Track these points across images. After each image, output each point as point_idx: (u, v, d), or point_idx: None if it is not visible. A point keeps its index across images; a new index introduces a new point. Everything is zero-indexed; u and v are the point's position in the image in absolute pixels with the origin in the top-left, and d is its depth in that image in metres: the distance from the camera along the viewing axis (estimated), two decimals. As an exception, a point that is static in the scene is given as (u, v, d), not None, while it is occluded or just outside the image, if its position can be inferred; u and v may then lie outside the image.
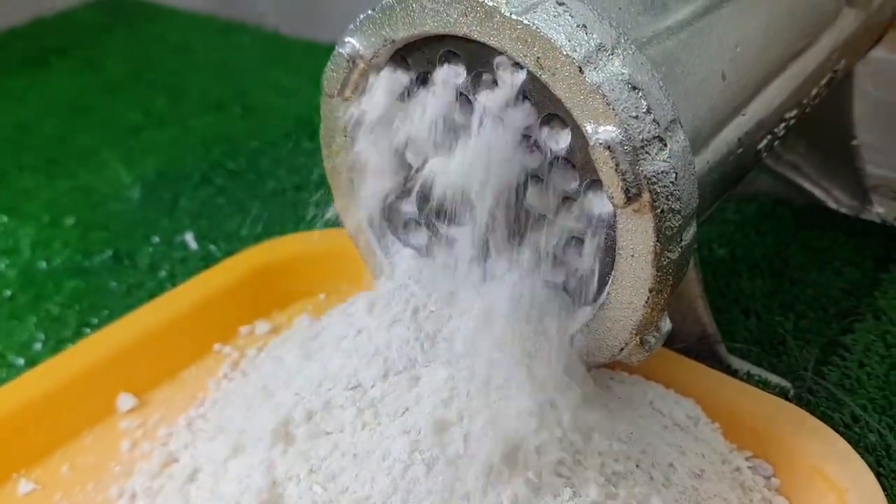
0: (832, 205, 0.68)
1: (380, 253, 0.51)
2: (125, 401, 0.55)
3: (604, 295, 0.44)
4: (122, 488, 0.50)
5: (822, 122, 0.66)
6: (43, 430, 0.52)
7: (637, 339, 0.44)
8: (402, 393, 0.45)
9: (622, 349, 0.44)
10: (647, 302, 0.42)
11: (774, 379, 0.54)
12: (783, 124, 0.52)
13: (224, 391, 0.54)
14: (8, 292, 0.67)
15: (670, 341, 0.54)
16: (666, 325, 0.45)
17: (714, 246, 0.66)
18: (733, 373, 0.54)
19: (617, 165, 0.39)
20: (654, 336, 0.45)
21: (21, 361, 0.60)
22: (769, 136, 0.51)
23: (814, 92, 0.55)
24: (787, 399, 0.51)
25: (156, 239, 0.71)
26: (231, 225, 0.72)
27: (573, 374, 0.45)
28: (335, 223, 0.52)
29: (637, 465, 0.44)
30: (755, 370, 0.54)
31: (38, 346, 0.61)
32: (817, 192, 0.69)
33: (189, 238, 0.70)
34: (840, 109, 0.66)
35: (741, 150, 0.48)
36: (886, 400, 0.53)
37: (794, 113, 0.53)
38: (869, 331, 0.57)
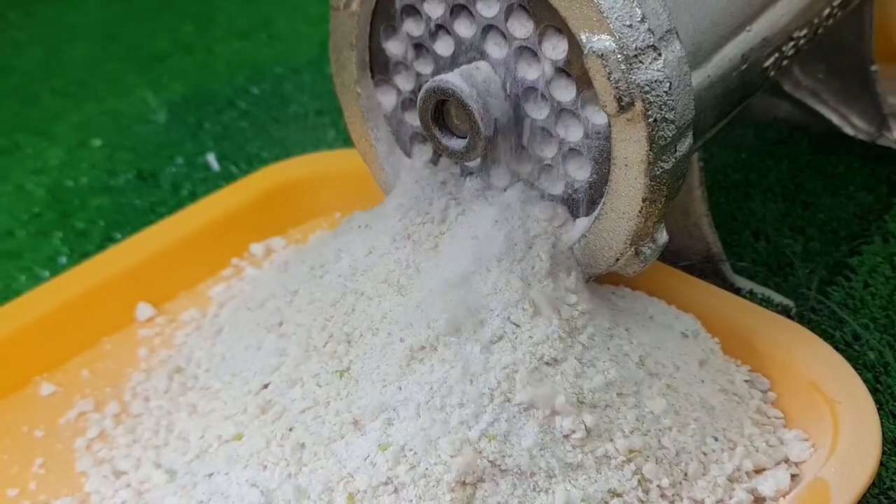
0: (849, 131, 0.68)
1: (387, 167, 0.52)
2: (144, 310, 0.57)
3: (599, 206, 0.45)
4: (136, 392, 0.52)
5: (842, 47, 0.66)
6: (64, 336, 0.55)
7: (632, 249, 0.45)
8: (398, 300, 0.46)
9: (618, 259, 0.45)
10: (640, 211, 0.43)
11: (777, 298, 0.55)
12: (791, 43, 0.52)
13: (231, 295, 0.56)
14: (36, 209, 0.69)
15: (675, 260, 0.55)
16: (662, 237, 0.46)
17: (729, 171, 0.67)
18: (736, 291, 0.55)
19: (609, 74, 0.40)
20: (649, 247, 0.45)
21: (46, 274, 0.62)
22: (776, 55, 0.51)
23: (826, 12, 0.55)
24: (788, 317, 0.52)
25: (179, 160, 0.72)
26: (252, 147, 0.73)
27: (572, 284, 0.46)
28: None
29: (639, 366, 0.46)
30: (758, 289, 0.55)
31: (63, 259, 0.63)
32: (835, 119, 0.68)
33: (211, 159, 0.72)
34: (859, 35, 0.65)
35: (745, 66, 0.48)
36: (889, 319, 0.53)
37: (803, 32, 0.53)
38: (876, 253, 0.57)
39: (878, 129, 0.67)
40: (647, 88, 0.40)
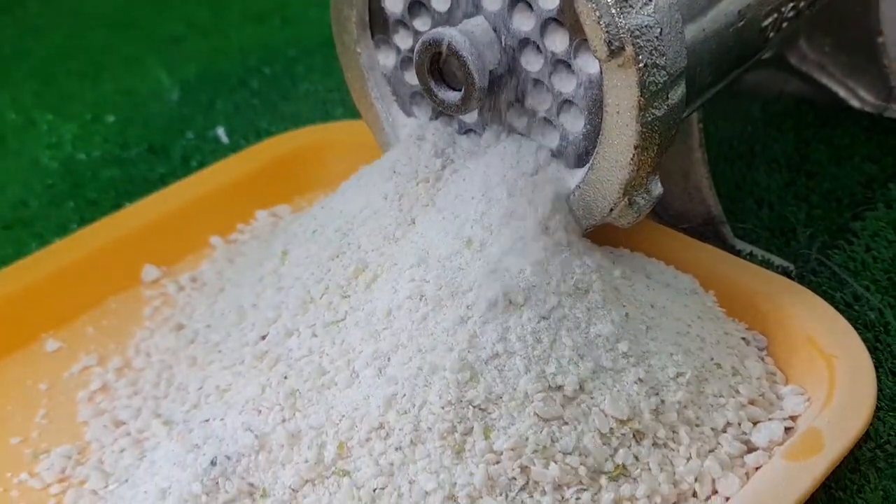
0: (856, 104, 0.68)
1: (387, 127, 0.53)
2: (149, 272, 0.58)
3: (593, 156, 0.45)
4: (139, 348, 0.53)
5: (848, 19, 0.66)
6: (70, 295, 0.55)
7: (626, 199, 0.45)
8: (393, 249, 0.47)
9: (612, 209, 0.45)
10: (632, 159, 0.43)
11: (777, 260, 0.54)
12: (791, 4, 0.52)
13: (233, 255, 0.57)
14: (49, 181, 0.70)
15: (675, 223, 0.55)
16: (656, 188, 0.46)
17: (734, 143, 0.67)
18: (737, 253, 0.55)
19: (600, 18, 0.40)
20: (643, 197, 0.45)
21: (57, 241, 0.63)
22: (775, 15, 0.51)
23: (826, -25, 0.55)
24: (788, 279, 0.52)
25: (190, 134, 0.73)
26: (262, 122, 0.74)
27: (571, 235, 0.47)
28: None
29: (636, 318, 0.46)
30: (758, 251, 0.55)
31: (74, 227, 0.64)
32: (841, 92, 0.68)
33: (221, 132, 0.72)
34: (865, 7, 0.65)
35: (742, 23, 0.49)
36: (890, 282, 0.53)
37: (804, -6, 0.53)
38: (879, 218, 0.57)
39: (884, 102, 0.67)
40: (637, 33, 0.41)
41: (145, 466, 0.45)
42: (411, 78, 0.51)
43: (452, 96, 0.46)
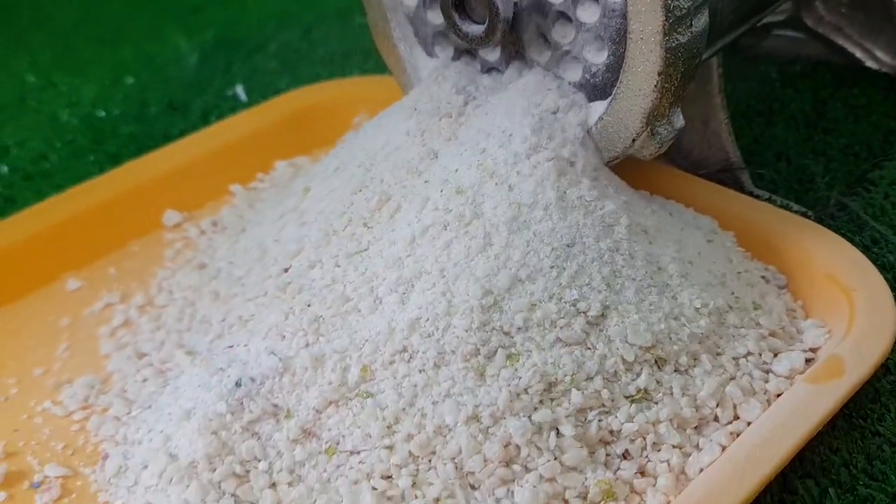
0: (873, 65, 0.68)
1: (409, 68, 0.53)
2: (171, 216, 0.58)
3: (616, 86, 0.45)
4: (161, 286, 0.53)
5: (866, -21, 0.66)
6: (92, 237, 0.56)
7: (648, 129, 0.45)
8: (416, 181, 0.47)
9: (634, 140, 0.46)
10: (656, 86, 0.44)
11: (796, 206, 0.55)
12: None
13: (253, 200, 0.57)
14: (69, 137, 0.70)
15: (694, 170, 0.55)
16: (678, 120, 0.46)
17: (752, 101, 0.67)
18: (755, 198, 0.55)
19: (625, -59, 0.41)
20: (665, 128, 0.46)
21: (79, 191, 0.64)
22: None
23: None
24: (807, 223, 0.52)
25: (209, 93, 0.74)
26: (281, 84, 0.75)
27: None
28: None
29: (660, 247, 0.46)
30: (777, 198, 0.55)
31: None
32: (858, 53, 0.68)
33: (239, 90, 0.73)
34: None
35: (764, -37, 0.49)
36: (909, 227, 0.53)
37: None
38: (898, 168, 0.58)
39: (902, 62, 0.67)
40: (662, -44, 0.41)
41: (169, 391, 0.45)
42: (434, 17, 0.51)
43: (476, 29, 0.47)
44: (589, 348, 0.42)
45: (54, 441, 0.45)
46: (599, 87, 0.47)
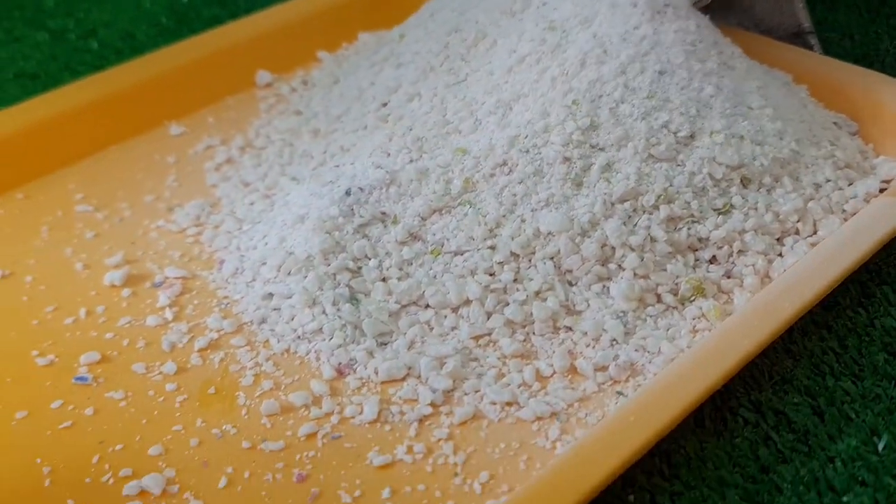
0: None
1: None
2: (263, 76, 0.61)
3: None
4: (259, 132, 0.56)
5: None
6: (190, 89, 0.59)
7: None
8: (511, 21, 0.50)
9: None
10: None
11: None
12: None
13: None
14: (154, 20, 0.73)
15: (766, 36, 0.58)
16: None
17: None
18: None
19: None
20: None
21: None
22: None
23: None
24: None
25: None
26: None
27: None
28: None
29: (746, 81, 0.49)
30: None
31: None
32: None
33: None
34: None
35: None
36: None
37: None
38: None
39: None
40: None
41: (279, 206, 0.48)
42: None
43: None
44: (679, 165, 0.45)
45: (171, 251, 0.48)
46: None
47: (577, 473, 0.34)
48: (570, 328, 0.42)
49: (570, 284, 0.43)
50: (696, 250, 0.44)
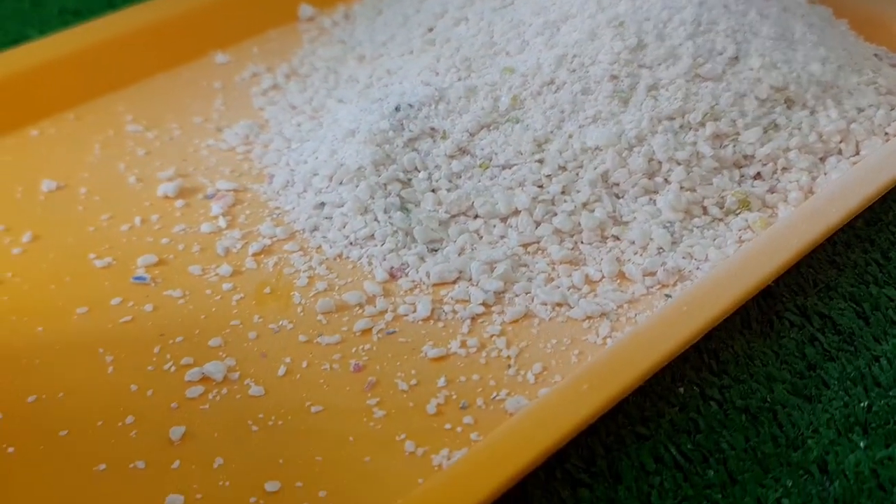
0: None
1: None
2: (305, 10, 0.62)
3: None
4: (303, 61, 0.57)
5: None
6: (234, 19, 0.59)
7: None
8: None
9: None
10: None
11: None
12: None
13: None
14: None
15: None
16: None
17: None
18: None
19: None
20: None
21: None
22: None
23: None
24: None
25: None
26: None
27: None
28: None
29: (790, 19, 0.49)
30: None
31: None
32: None
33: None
34: None
35: None
36: None
37: None
38: None
39: None
40: None
41: (328, 123, 0.49)
42: None
43: None
44: (725, 83, 0.46)
45: (222, 167, 0.49)
46: None
47: (630, 359, 0.35)
48: (617, 237, 0.43)
49: (618, 197, 0.44)
50: (742, 167, 0.45)
